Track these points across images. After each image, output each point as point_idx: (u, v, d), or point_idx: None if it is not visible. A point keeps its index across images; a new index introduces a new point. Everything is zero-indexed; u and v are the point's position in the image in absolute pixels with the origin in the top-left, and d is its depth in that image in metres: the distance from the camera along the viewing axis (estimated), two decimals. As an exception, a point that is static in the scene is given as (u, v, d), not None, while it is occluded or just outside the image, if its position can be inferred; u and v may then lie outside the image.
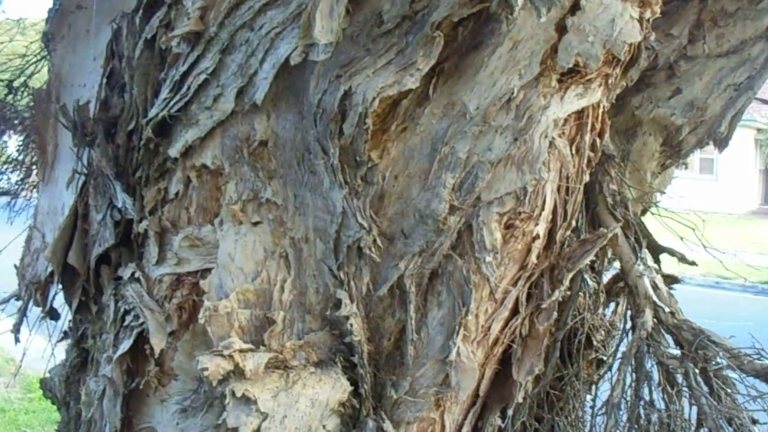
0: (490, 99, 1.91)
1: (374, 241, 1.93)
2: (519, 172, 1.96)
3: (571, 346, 2.55)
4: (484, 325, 2.08)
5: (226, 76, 1.93)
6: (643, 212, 2.86)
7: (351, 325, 1.96)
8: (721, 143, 2.79)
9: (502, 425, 2.32)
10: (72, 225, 2.28)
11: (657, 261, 2.65)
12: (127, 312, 2.16)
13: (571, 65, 1.91)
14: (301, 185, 1.95)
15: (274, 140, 1.95)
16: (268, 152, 1.95)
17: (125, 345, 2.12)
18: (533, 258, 2.11)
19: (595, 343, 2.62)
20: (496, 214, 1.97)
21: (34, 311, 2.74)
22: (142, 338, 2.11)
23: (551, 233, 2.14)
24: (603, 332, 2.68)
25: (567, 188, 2.12)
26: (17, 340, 2.73)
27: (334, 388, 1.97)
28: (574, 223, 2.21)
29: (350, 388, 1.99)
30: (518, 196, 1.97)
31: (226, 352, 1.89)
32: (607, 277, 2.84)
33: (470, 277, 1.98)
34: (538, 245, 2.10)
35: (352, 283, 1.96)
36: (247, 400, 1.89)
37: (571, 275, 2.19)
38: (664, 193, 2.88)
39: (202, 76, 1.94)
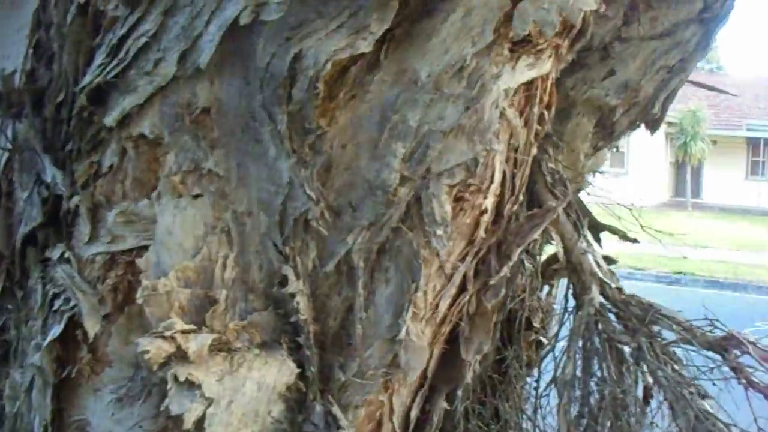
0: (443, 66, 1.85)
1: (322, 213, 1.84)
2: (470, 143, 1.90)
3: (512, 328, 2.51)
4: (432, 302, 2.02)
5: (168, 39, 1.82)
6: (576, 192, 2.86)
7: (297, 303, 1.87)
8: (654, 125, 2.81)
9: (449, 408, 2.27)
10: (-5, 203, 2.14)
11: (598, 240, 2.64)
12: (56, 296, 2.03)
13: (526, 32, 1.87)
14: (244, 155, 1.85)
15: (217, 107, 1.85)
16: (211, 120, 1.85)
17: (55, 330, 1.98)
18: (481, 233, 2.06)
19: (535, 324, 2.59)
20: (447, 185, 1.91)
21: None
22: (72, 323, 1.98)
23: (499, 207, 2.10)
24: (541, 314, 2.65)
25: (515, 161, 2.07)
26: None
27: (280, 371, 1.88)
28: (521, 197, 2.16)
29: (297, 371, 1.90)
30: (469, 168, 1.92)
31: (167, 334, 1.78)
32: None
33: (419, 252, 1.92)
34: (486, 219, 2.06)
35: (297, 258, 1.88)
36: (190, 385, 1.78)
37: (519, 250, 2.14)
38: (601, 172, 2.89)
39: (143, 39, 1.83)
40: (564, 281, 2.67)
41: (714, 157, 31.60)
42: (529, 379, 2.67)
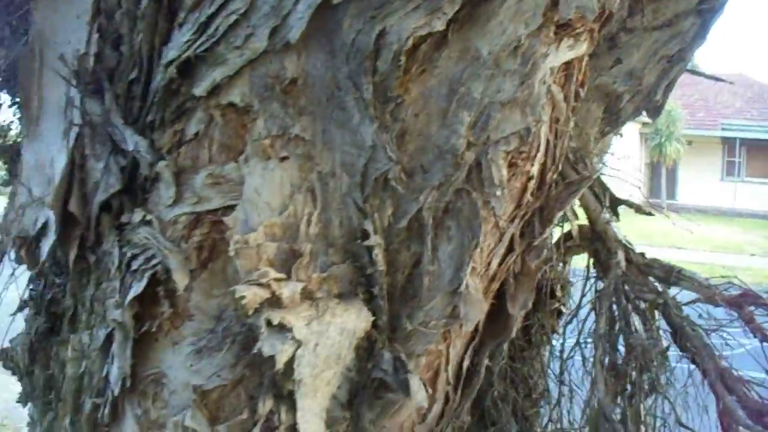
0: (501, 45, 2.08)
1: (399, 173, 2.04)
2: (523, 114, 2.13)
3: (537, 297, 2.73)
4: (485, 259, 2.23)
5: (258, 17, 2.00)
6: (592, 171, 3.09)
7: (376, 255, 2.06)
8: (655, 112, 3.06)
9: (489, 364, 2.48)
10: (69, 174, 2.26)
11: (615, 213, 2.89)
12: (134, 257, 2.17)
13: (571, 17, 2.11)
14: (329, 121, 2.04)
15: (304, 78, 2.03)
16: (298, 90, 2.04)
17: (138, 287, 2.12)
18: (528, 197, 2.28)
19: (557, 294, 2.81)
20: (503, 152, 2.13)
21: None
22: (153, 281, 2.13)
23: (542, 174, 2.32)
24: (560, 285, 2.88)
25: (556, 133, 2.31)
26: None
27: (359, 318, 2.06)
28: (560, 166, 2.40)
29: (372, 318, 2.08)
30: (522, 137, 2.14)
31: (263, 280, 1.95)
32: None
33: (479, 212, 2.13)
34: (532, 185, 2.28)
35: (375, 215, 2.07)
36: (281, 328, 1.95)
37: (559, 214, 2.38)
38: (612, 154, 3.14)
39: (233, 17, 2.00)
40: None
41: (689, 158, 31.37)
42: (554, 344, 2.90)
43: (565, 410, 2.86)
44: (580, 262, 2.96)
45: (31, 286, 2.81)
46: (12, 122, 3.38)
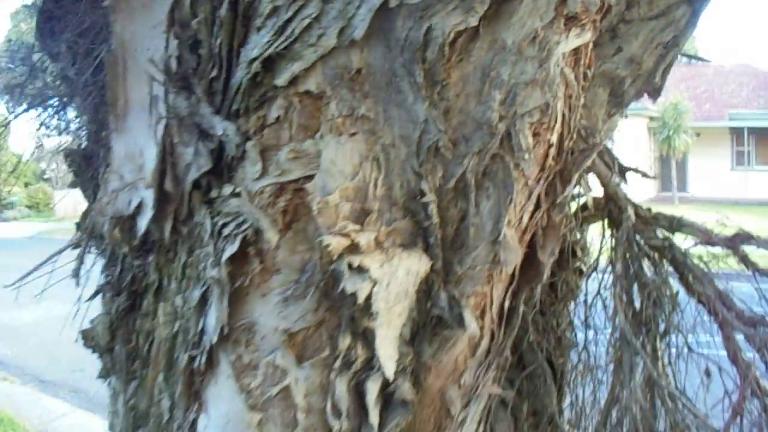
0: (522, 36, 2.53)
1: (447, 142, 2.50)
2: (542, 92, 2.59)
3: (561, 257, 3.18)
4: (518, 214, 2.69)
5: (328, 20, 2.44)
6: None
7: (431, 210, 2.51)
8: (655, 93, 3.52)
9: (525, 310, 2.93)
10: (162, 159, 2.68)
11: (624, 177, 3.35)
12: (225, 225, 2.59)
13: (577, 10, 2.59)
14: (389, 102, 2.49)
15: (367, 68, 2.48)
16: (363, 78, 2.48)
17: (233, 247, 2.54)
18: (549, 161, 2.74)
19: (578, 254, 3.28)
20: (528, 123, 2.58)
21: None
22: (244, 243, 2.55)
23: (560, 142, 2.79)
24: (580, 248, 3.35)
25: (570, 107, 2.77)
26: (78, 284, 3.03)
27: (420, 262, 2.50)
28: (575, 135, 2.86)
29: (430, 262, 2.53)
30: (542, 110, 2.60)
31: (344, 231, 2.39)
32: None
33: (512, 173, 2.59)
34: (552, 151, 2.74)
35: (429, 177, 2.52)
36: (360, 270, 2.38)
37: (576, 175, 2.84)
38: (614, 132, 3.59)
39: (306, 20, 2.45)
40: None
41: (698, 150, 31.21)
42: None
43: (591, 354, 3.31)
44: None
45: (106, 273, 3.19)
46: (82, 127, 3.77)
